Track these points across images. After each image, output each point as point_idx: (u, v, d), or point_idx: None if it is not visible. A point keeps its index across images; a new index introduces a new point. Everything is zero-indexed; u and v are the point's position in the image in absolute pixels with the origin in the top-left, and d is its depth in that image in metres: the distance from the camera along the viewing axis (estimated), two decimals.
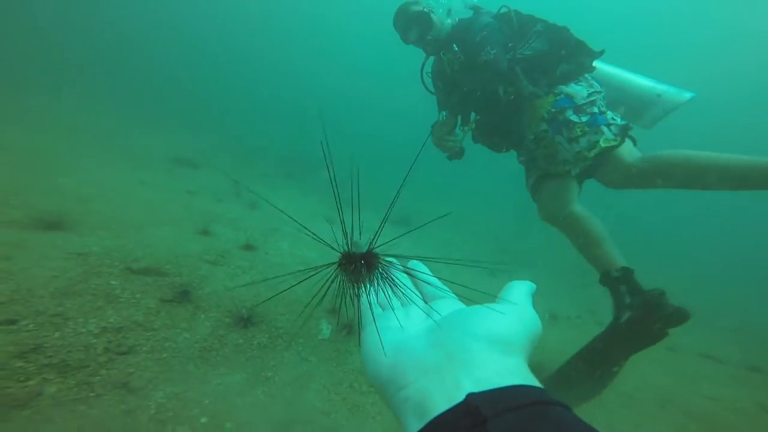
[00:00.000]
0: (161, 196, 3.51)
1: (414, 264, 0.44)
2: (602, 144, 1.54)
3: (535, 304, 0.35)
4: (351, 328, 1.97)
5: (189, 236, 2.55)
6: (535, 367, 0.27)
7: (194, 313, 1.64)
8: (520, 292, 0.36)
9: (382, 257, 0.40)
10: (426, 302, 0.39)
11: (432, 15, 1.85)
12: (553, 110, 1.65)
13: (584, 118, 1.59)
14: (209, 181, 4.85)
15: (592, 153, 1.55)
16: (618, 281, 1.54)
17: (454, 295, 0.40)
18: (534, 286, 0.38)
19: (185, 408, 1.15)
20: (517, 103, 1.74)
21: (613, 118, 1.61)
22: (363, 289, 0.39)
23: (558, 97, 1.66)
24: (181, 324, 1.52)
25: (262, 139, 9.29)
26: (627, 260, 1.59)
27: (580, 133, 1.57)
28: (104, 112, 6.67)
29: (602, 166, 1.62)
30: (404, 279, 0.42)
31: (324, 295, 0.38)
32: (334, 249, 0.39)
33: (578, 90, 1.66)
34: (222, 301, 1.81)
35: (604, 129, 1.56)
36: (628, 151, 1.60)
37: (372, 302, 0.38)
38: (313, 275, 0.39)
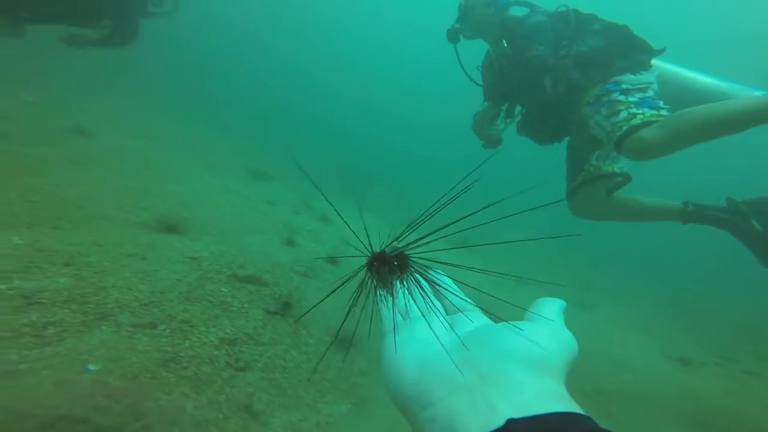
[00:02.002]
0: (247, 204, 3.73)
1: (437, 273, 0.41)
2: (639, 119, 1.53)
3: (568, 324, 0.32)
4: None
5: (278, 246, 2.62)
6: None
7: (296, 328, 1.60)
8: (551, 309, 0.33)
9: (412, 261, 0.38)
10: (448, 314, 0.36)
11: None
12: (599, 94, 1.69)
13: (632, 99, 1.60)
14: (284, 193, 5.12)
15: (628, 125, 1.53)
16: (700, 211, 1.70)
17: (478, 308, 0.37)
18: (565, 303, 0.35)
19: None
20: (568, 96, 1.80)
21: (664, 104, 1.59)
22: (385, 294, 0.37)
23: (608, 85, 1.69)
24: (286, 340, 1.48)
25: (320, 153, 9.81)
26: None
27: (622, 108, 1.58)
28: (186, 121, 7.55)
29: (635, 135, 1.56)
30: (425, 287, 0.39)
31: (355, 301, 0.36)
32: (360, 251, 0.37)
33: (630, 78, 1.67)
34: (318, 317, 1.76)
35: (648, 110, 1.56)
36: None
37: (392, 309, 0.35)
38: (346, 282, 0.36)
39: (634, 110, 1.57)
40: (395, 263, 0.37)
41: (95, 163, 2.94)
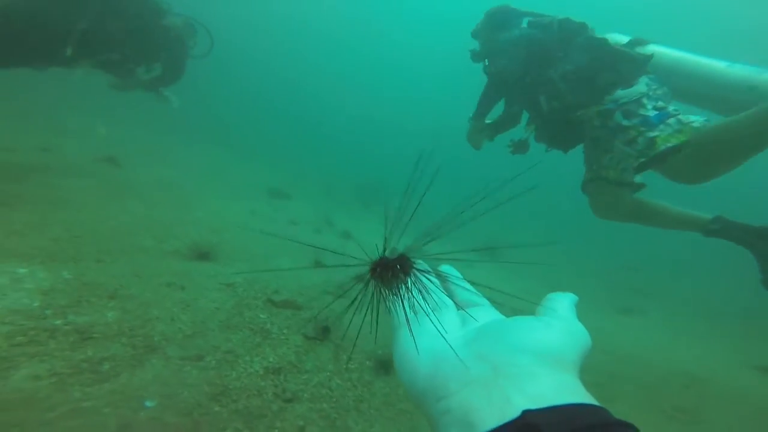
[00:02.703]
0: (270, 226, 3.80)
1: (447, 269, 0.43)
2: (660, 144, 1.52)
3: (581, 319, 0.32)
4: None
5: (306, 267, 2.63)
6: None
7: (336, 353, 1.57)
8: (563, 304, 0.34)
9: (414, 261, 0.39)
10: (460, 309, 0.38)
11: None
12: (603, 114, 1.70)
13: (635, 120, 1.61)
14: (304, 212, 5.20)
15: (653, 152, 1.54)
16: (726, 228, 1.66)
17: (489, 303, 0.38)
18: (577, 297, 0.35)
19: None
20: (567, 112, 1.86)
21: (675, 110, 1.56)
22: (395, 292, 0.38)
23: (606, 105, 1.70)
24: (328, 366, 1.45)
25: (337, 168, 10.00)
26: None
27: (636, 134, 1.59)
28: (203, 146, 7.87)
29: (664, 162, 1.60)
30: (436, 284, 0.39)
31: (366, 307, 0.37)
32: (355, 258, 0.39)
33: (621, 94, 1.68)
34: (358, 341, 1.73)
35: (661, 126, 1.55)
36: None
37: (403, 306, 0.36)
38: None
39: (648, 134, 1.56)
40: (398, 266, 0.38)
41: (127, 194, 3.10)
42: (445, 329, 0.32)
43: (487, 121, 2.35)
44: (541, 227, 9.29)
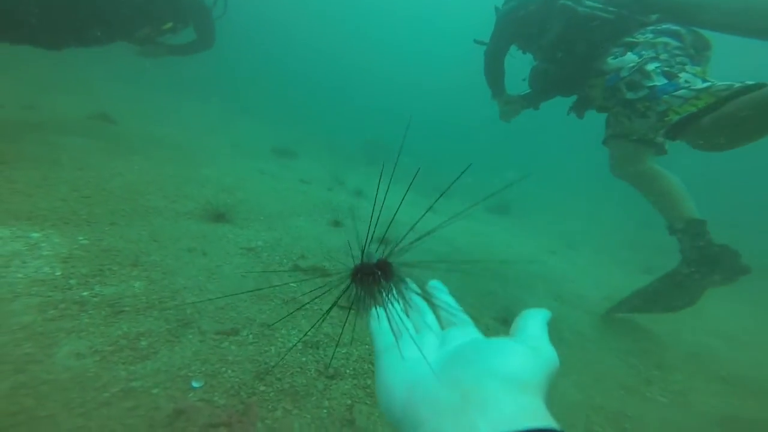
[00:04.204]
0: (282, 185, 3.70)
1: (435, 284, 0.45)
2: (673, 116, 1.43)
3: (550, 335, 0.35)
4: None
5: (325, 228, 2.57)
6: None
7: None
8: (535, 322, 0.36)
9: (396, 270, 0.40)
10: (442, 328, 0.40)
11: None
12: (608, 91, 1.67)
13: (641, 93, 1.53)
14: (314, 170, 5.08)
15: (663, 127, 1.48)
16: (685, 232, 1.71)
17: (470, 320, 0.40)
18: (549, 314, 0.38)
19: None
20: (570, 83, 1.90)
21: (686, 82, 1.43)
22: (374, 311, 0.39)
23: (606, 76, 1.65)
24: (366, 339, 1.43)
25: (343, 126, 9.69)
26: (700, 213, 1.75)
27: (644, 108, 1.54)
28: (201, 104, 7.58)
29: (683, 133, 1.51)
30: (419, 302, 0.42)
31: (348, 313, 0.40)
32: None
33: (621, 62, 1.60)
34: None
35: (666, 98, 1.46)
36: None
37: (384, 328, 0.38)
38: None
39: (658, 108, 1.48)
40: (378, 272, 0.38)
41: (128, 151, 2.98)
42: (425, 351, 0.34)
43: (518, 94, 2.31)
44: (559, 185, 9.12)
